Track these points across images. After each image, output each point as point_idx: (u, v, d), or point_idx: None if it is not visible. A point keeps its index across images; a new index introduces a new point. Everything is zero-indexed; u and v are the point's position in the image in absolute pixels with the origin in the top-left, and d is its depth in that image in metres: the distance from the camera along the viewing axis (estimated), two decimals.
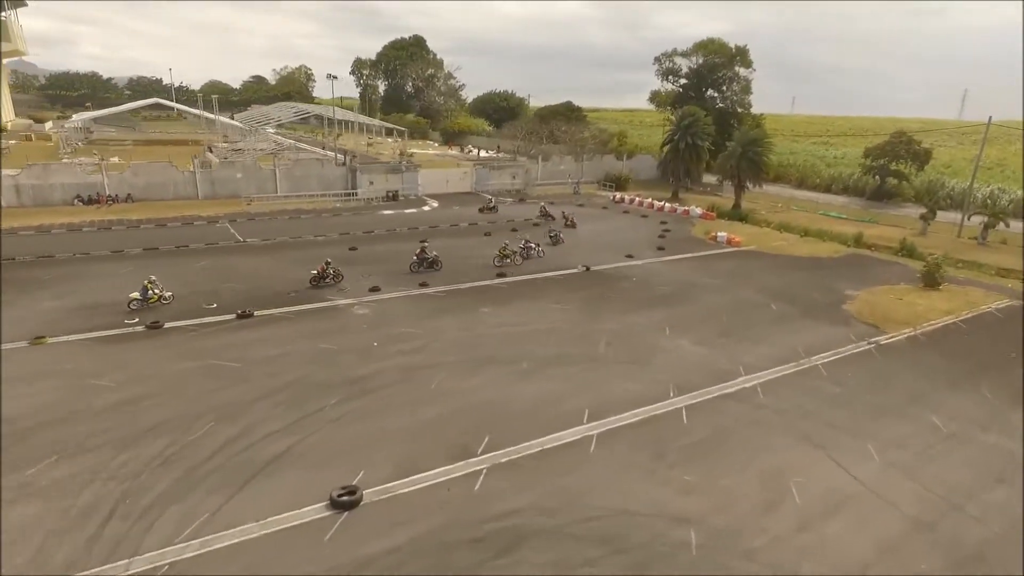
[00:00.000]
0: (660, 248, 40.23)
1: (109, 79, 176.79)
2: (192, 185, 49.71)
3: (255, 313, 25.72)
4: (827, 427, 18.27)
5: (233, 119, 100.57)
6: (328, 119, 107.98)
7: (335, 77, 59.94)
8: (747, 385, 20.71)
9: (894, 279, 34.79)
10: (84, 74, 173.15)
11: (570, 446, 16.83)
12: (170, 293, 27.07)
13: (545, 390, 19.81)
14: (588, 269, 34.56)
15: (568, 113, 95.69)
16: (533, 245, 36.74)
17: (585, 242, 41.32)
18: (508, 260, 34.77)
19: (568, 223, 45.91)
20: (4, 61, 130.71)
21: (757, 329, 26.06)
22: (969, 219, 48.01)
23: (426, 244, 35.15)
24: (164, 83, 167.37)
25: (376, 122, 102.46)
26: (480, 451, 16.30)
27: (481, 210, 51.30)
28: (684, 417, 18.51)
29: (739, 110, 72.98)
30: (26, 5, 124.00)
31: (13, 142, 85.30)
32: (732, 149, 55.13)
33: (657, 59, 75.33)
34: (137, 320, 24.45)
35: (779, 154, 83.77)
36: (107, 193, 46.54)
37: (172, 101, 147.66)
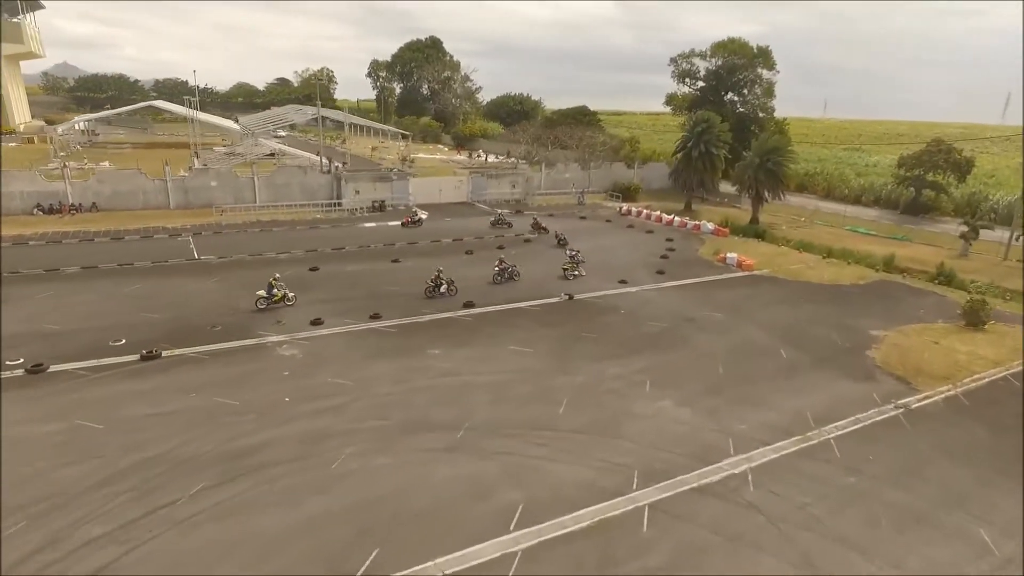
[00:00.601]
0: (659, 272, 35.65)
1: (136, 81, 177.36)
2: (164, 194, 46.63)
3: (163, 353, 22.03)
4: (836, 544, 13.74)
5: (237, 122, 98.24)
6: (336, 121, 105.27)
7: (333, 79, 55.93)
8: (735, 471, 16.22)
9: (930, 315, 29.75)
10: (112, 76, 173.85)
11: (484, 568, 12.64)
12: (293, 294, 27.71)
13: (472, 475, 15.62)
14: (571, 298, 30.23)
15: (580, 117, 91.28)
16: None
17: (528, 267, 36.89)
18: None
19: (560, 242, 41.56)
20: (20, 63, 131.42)
21: (758, 385, 21.49)
22: (1018, 239, 42.39)
23: (503, 260, 33.35)
24: (189, 84, 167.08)
25: (379, 125, 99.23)
26: None
27: (493, 224, 47.17)
28: (645, 523, 14.15)
29: (760, 115, 67.75)
30: (43, 7, 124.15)
31: (13, 144, 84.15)
32: (749, 159, 50.18)
33: (673, 60, 70.60)
34: (21, 361, 20.90)
35: (806, 161, 78.35)
36: (70, 202, 43.66)
37: (196, 102, 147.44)
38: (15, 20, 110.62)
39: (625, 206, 56.82)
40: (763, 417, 19.09)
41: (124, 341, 22.95)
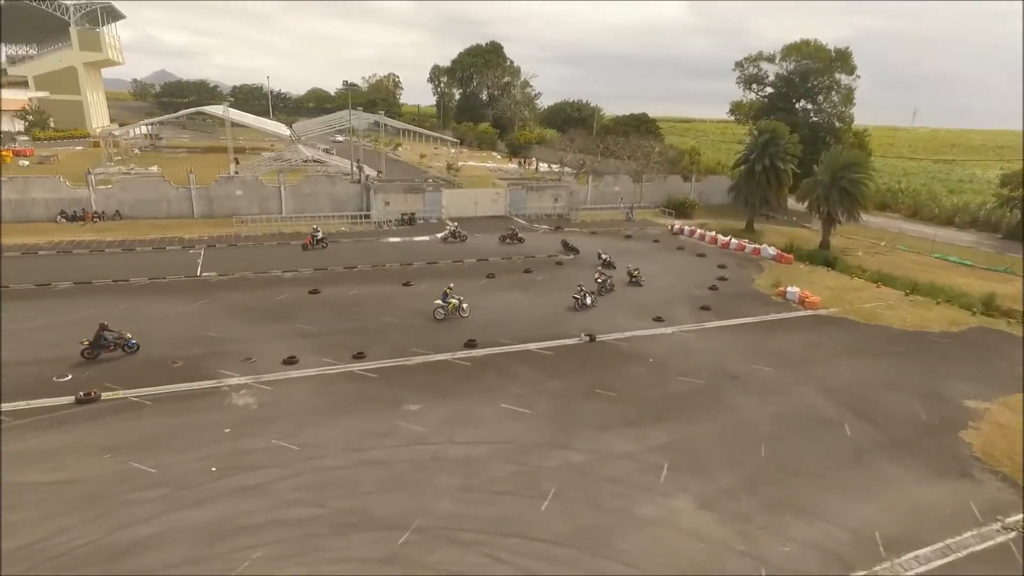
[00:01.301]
0: (704, 307, 30.68)
1: (215, 86, 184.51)
2: (188, 202, 45.21)
3: (103, 395, 19.26)
4: None
5: (291, 127, 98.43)
6: (393, 127, 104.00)
7: (353, 84, 53.73)
8: None
9: None
10: (193, 82, 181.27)
11: None
12: (467, 305, 27.84)
13: None
14: (592, 339, 25.87)
15: (638, 125, 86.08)
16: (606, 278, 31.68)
17: (551, 301, 32.47)
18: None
19: (605, 263, 37.29)
20: (111, 71, 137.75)
21: (811, 478, 16.60)
22: None
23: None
24: (264, 90, 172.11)
25: (424, 130, 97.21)
26: None
27: (503, 239, 43.51)
28: None
29: (837, 124, 60.85)
30: (123, 17, 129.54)
31: (80, 148, 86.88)
32: (819, 176, 44.15)
33: (739, 64, 64.53)
34: None
35: (888, 175, 70.50)
36: (93, 210, 42.74)
37: (269, 108, 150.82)
38: (95, 30, 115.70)
39: (677, 224, 51.64)
40: (813, 534, 14.28)
41: (70, 377, 20.40)
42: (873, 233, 51.59)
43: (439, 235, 44.21)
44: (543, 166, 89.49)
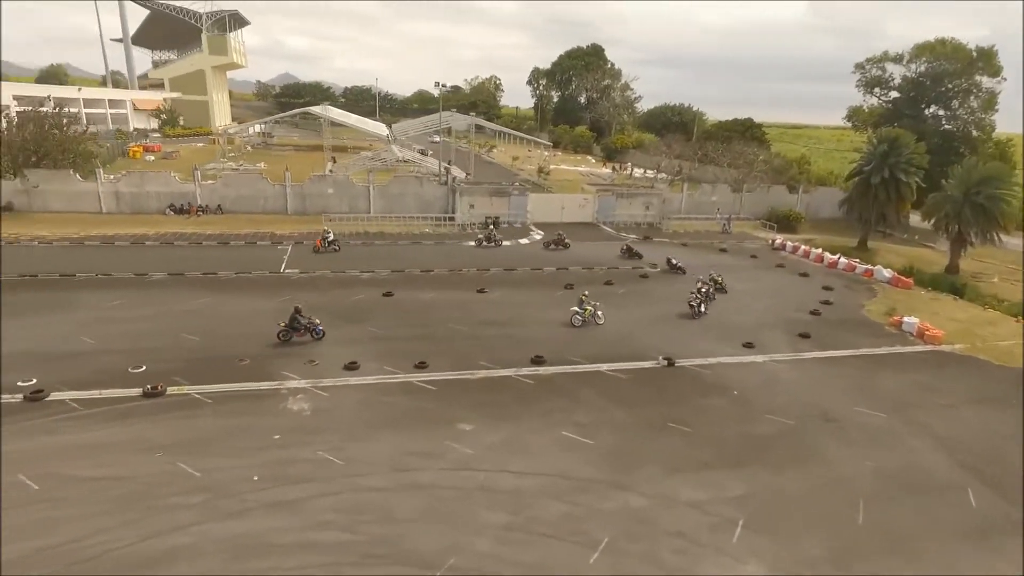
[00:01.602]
0: (803, 335, 27.56)
1: (328, 88, 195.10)
2: (283, 199, 46.88)
3: (169, 390, 19.59)
4: None
5: (390, 128, 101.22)
6: (489, 129, 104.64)
7: (444, 85, 53.79)
8: None
9: None
10: (309, 84, 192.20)
11: None
12: (602, 312, 27.72)
13: None
14: (670, 363, 23.74)
15: (742, 130, 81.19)
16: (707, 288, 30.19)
17: (632, 316, 30.07)
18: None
19: (674, 268, 35.25)
20: (227, 74, 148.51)
21: (922, 557, 13.86)
22: None
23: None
24: (372, 91, 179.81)
25: (518, 132, 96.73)
26: None
27: (547, 245, 42.16)
28: None
29: (974, 133, 54.12)
30: (249, 23, 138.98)
31: (201, 144, 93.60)
32: (950, 191, 39.09)
33: (859, 66, 58.99)
34: (33, 382, 19.51)
35: None
36: (198, 204, 45.22)
37: (376, 108, 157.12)
38: (223, 36, 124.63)
39: (779, 238, 47.70)
40: None
41: (144, 368, 20.98)
42: (1013, 257, 45.19)
43: (524, 240, 43.17)
44: (637, 171, 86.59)
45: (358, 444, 17.10)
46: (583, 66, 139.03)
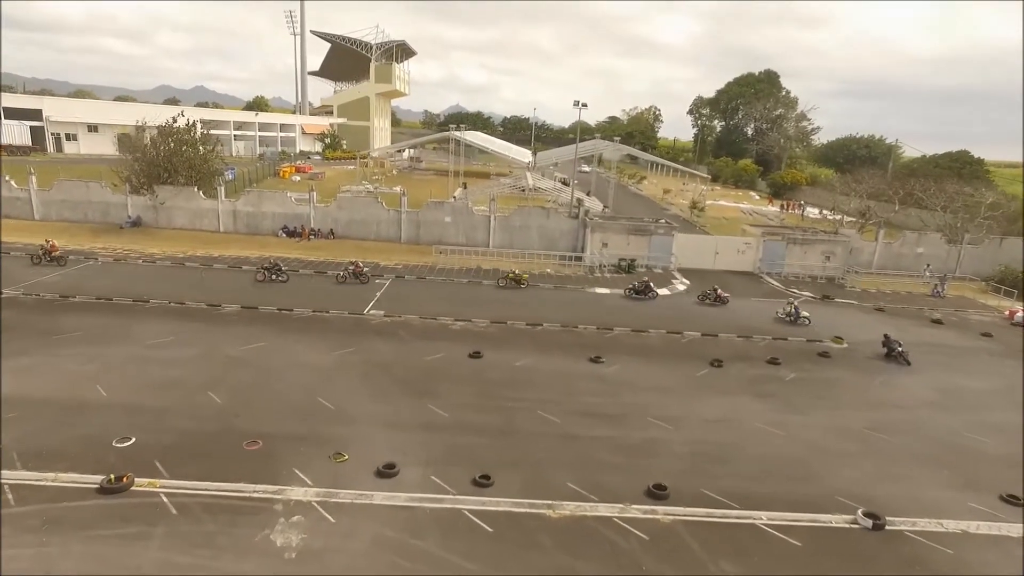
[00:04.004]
0: None
1: (488, 117, 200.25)
2: (396, 226, 42.89)
3: (137, 481, 14.48)
4: None
5: (535, 154, 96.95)
6: (643, 159, 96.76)
7: (584, 104, 47.22)
8: None
9: None
10: (470, 113, 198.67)
11: None
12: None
13: None
14: (877, 525, 14.54)
15: (956, 167, 65.56)
16: None
17: (903, 425, 20.18)
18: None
19: (894, 353, 25.12)
20: (398, 103, 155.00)
21: None
22: None
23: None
24: (529, 121, 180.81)
25: (671, 163, 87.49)
26: None
27: (701, 299, 33.67)
28: None
29: None
30: (415, 54, 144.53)
31: (352, 167, 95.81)
32: None
33: None
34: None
35: None
36: (310, 227, 42.59)
37: (532, 137, 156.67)
38: (389, 65, 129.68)
39: (1020, 310, 34.73)
40: None
41: (131, 442, 16.24)
42: None
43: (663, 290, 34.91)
44: (812, 211, 73.65)
45: None
46: (753, 94, 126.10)
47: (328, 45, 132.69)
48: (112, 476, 14.40)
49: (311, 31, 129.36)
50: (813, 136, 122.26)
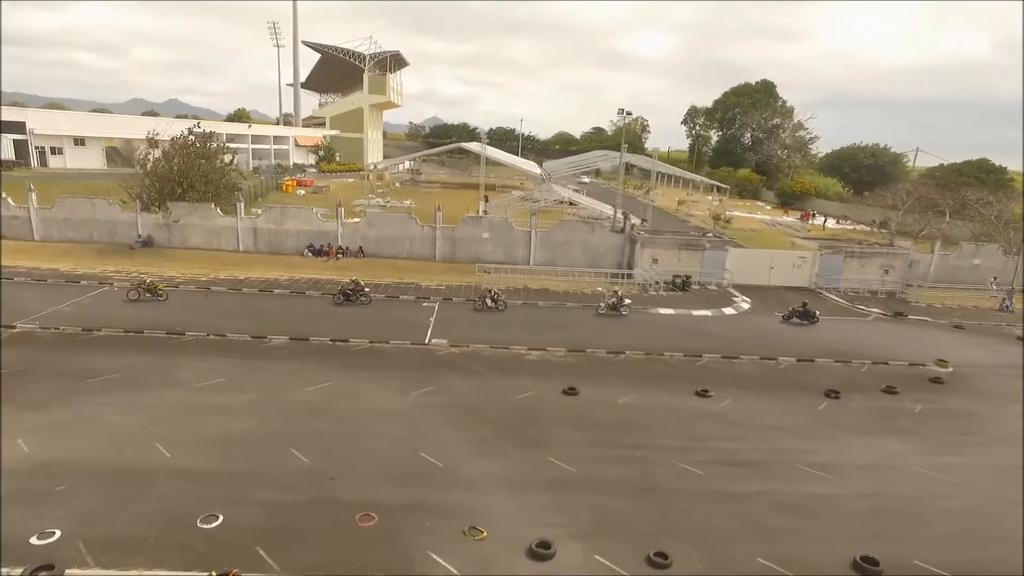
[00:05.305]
0: None
1: (474, 129, 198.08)
2: (431, 243, 40.03)
3: None
4: None
5: (541, 166, 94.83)
6: (642, 170, 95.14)
7: (629, 112, 44.91)
8: None
9: None
10: (455, 125, 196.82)
11: None
12: None
13: None
14: None
15: (980, 175, 64.68)
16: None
17: (976, 468, 17.88)
18: None
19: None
20: (383, 115, 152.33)
21: None
22: None
23: None
24: (515, 132, 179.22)
25: (690, 175, 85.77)
26: None
27: (787, 317, 31.30)
28: None
29: None
30: (408, 64, 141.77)
31: (351, 180, 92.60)
32: None
33: None
34: (57, 533, 12.34)
35: None
36: (338, 244, 39.54)
37: (519, 148, 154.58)
38: (383, 75, 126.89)
39: None
40: None
41: (219, 521, 13.22)
42: None
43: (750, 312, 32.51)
44: (831, 222, 72.30)
45: None
46: (750, 103, 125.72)
47: (315, 57, 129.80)
48: (214, 575, 11.42)
49: (303, 42, 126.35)
50: (811, 145, 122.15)
